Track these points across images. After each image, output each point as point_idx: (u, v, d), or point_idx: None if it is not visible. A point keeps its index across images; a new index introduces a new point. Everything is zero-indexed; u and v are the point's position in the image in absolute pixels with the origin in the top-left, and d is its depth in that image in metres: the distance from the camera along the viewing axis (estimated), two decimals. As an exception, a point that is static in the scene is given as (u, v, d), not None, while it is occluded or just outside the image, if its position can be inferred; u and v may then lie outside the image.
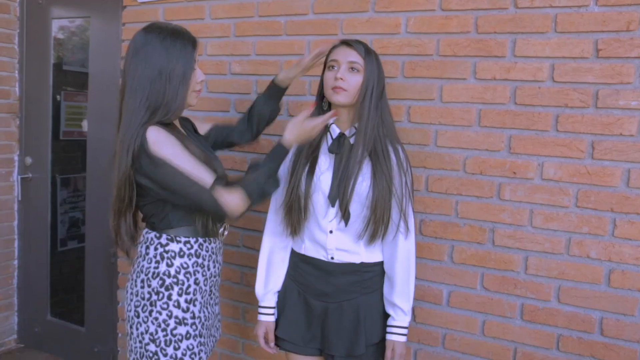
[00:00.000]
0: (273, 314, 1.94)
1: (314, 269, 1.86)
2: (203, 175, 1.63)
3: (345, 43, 1.80)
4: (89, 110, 3.10)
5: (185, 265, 1.74)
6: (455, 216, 2.10)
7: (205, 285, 1.80)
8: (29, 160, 3.35)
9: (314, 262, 1.85)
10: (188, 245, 1.75)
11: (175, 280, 1.72)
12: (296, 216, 1.82)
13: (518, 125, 1.98)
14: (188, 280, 1.74)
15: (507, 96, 1.99)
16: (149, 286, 1.72)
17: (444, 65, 2.08)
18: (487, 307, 2.07)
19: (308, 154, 1.83)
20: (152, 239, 1.76)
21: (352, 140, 1.79)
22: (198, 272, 1.77)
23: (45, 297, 3.39)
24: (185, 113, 1.88)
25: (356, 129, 1.79)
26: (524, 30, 1.95)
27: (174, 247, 1.74)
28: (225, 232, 1.89)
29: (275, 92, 2.07)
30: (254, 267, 2.52)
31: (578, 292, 1.93)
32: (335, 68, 1.78)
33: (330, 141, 1.84)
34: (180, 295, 1.73)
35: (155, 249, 1.74)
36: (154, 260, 1.74)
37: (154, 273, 1.73)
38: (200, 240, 1.78)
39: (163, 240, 1.74)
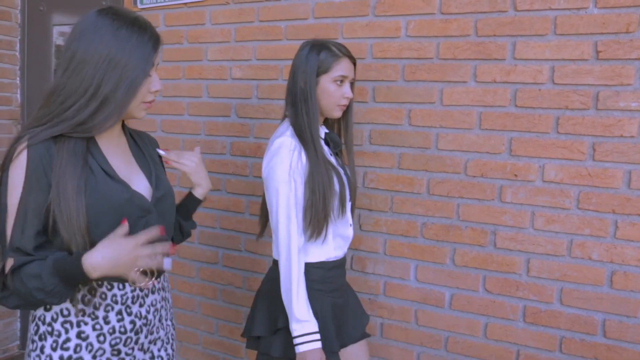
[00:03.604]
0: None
1: (341, 270, 1.89)
2: (8, 230, 1.25)
3: (350, 57, 1.82)
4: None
5: (65, 313, 1.32)
6: (457, 219, 2.10)
7: (102, 343, 1.34)
8: (31, 166, 3.35)
9: (340, 262, 1.88)
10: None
11: (49, 329, 1.32)
12: (328, 217, 1.75)
13: (519, 127, 1.98)
14: (67, 332, 1.32)
15: (508, 99, 1.99)
16: (30, 331, 1.38)
17: (444, 68, 2.09)
18: (489, 309, 2.07)
19: (323, 155, 1.77)
20: None
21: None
22: (86, 323, 1.33)
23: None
24: (192, 120, 1.83)
25: (328, 129, 1.93)
26: (524, 33, 1.95)
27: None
28: (149, 282, 1.38)
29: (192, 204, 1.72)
30: (256, 272, 2.54)
31: (580, 294, 1.93)
32: (341, 83, 1.79)
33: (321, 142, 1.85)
34: (54, 349, 1.32)
35: None
36: None
37: (32, 316, 1.37)
38: (95, 284, 1.33)
39: None
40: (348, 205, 1.87)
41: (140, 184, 1.42)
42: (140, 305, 1.40)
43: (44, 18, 3.25)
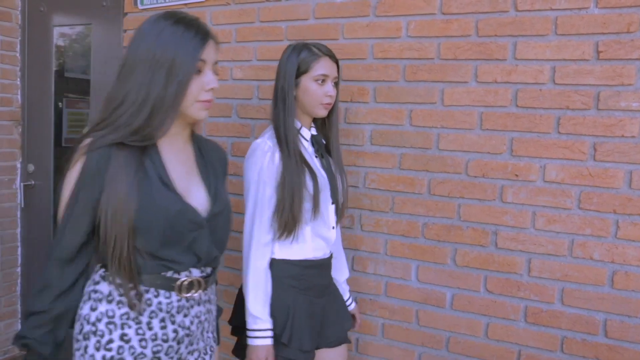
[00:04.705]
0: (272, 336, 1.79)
1: (319, 270, 1.89)
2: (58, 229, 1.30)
3: (331, 56, 1.84)
4: (91, 117, 3.11)
5: (110, 314, 1.32)
6: (458, 219, 2.10)
7: (144, 348, 1.33)
8: (31, 167, 3.35)
9: (319, 262, 1.88)
10: (121, 289, 1.31)
11: (93, 329, 1.32)
12: (297, 218, 1.77)
13: (520, 127, 1.98)
14: (110, 333, 1.31)
15: (509, 99, 1.99)
16: (75, 330, 1.38)
17: (445, 68, 2.09)
18: (490, 309, 2.07)
19: (297, 156, 1.79)
20: (96, 270, 1.39)
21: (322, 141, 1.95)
22: (129, 326, 1.32)
23: (49, 304, 3.39)
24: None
25: (316, 130, 1.94)
26: (525, 33, 1.95)
27: (103, 287, 1.33)
28: (194, 293, 1.39)
29: None
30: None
31: (582, 294, 1.93)
32: (322, 82, 1.82)
33: (307, 143, 1.89)
34: (97, 349, 1.31)
35: (88, 285, 1.37)
36: (82, 298, 1.36)
37: (78, 315, 1.36)
38: (143, 288, 1.33)
39: (97, 277, 1.36)
40: (328, 207, 1.87)
41: (198, 196, 1.40)
42: (185, 316, 1.38)
43: (44, 18, 3.25)
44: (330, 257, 1.95)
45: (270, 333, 1.75)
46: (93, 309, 1.32)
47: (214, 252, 1.41)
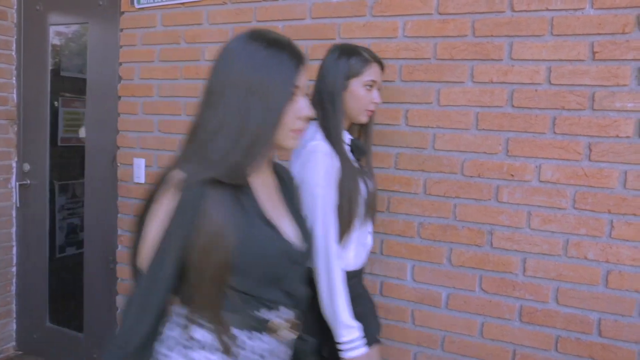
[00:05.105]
0: None
1: (359, 278, 1.84)
2: (145, 264, 1.14)
3: (379, 63, 1.80)
4: (87, 116, 3.10)
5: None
6: (454, 219, 2.11)
7: None
8: (26, 166, 3.35)
9: (359, 271, 1.83)
10: (215, 333, 1.17)
11: None
12: (352, 223, 1.71)
13: (515, 127, 1.99)
14: None
15: (505, 99, 2.00)
16: None
17: (442, 68, 2.09)
18: (485, 309, 2.08)
19: (349, 160, 1.73)
20: (178, 313, 1.22)
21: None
22: None
23: (44, 304, 3.38)
24: (190, 120, 1.80)
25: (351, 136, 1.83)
26: (521, 34, 1.96)
27: (197, 334, 1.18)
28: (287, 333, 1.25)
29: None
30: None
31: (576, 293, 1.93)
32: (370, 88, 1.76)
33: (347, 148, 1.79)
34: None
35: (170, 328, 1.21)
36: (163, 342, 1.20)
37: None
38: (235, 330, 1.19)
39: (180, 320, 1.20)
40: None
41: (288, 230, 1.28)
42: (279, 358, 1.28)
43: (40, 17, 3.24)
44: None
45: (364, 338, 1.65)
46: (186, 357, 1.17)
47: (304, 289, 1.32)
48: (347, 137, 1.80)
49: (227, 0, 2.53)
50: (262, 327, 1.21)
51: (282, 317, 1.24)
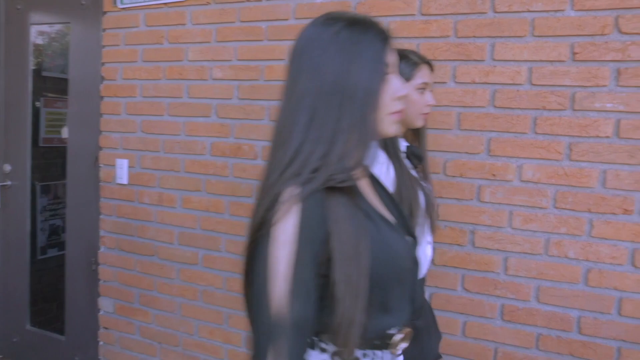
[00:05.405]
0: None
1: (420, 289, 1.82)
2: (280, 301, 0.92)
3: (429, 64, 1.73)
4: (69, 116, 3.07)
5: None
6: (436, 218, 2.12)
7: None
8: (8, 167, 3.31)
9: (421, 283, 1.78)
10: (339, 357, 1.00)
11: None
12: (412, 234, 1.65)
13: (497, 128, 2.01)
14: None
15: (486, 99, 2.02)
16: None
17: (424, 69, 2.10)
18: (468, 308, 2.09)
19: (407, 168, 1.65)
20: None
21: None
22: None
23: (25, 306, 3.34)
24: (172, 120, 1.80)
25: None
26: (503, 34, 1.98)
27: (315, 357, 1.03)
28: (403, 344, 1.08)
29: None
30: (236, 273, 2.53)
31: (557, 291, 1.95)
32: (423, 91, 1.70)
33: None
34: None
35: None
36: None
37: None
38: (359, 352, 1.04)
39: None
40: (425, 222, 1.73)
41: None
42: None
43: (21, 16, 3.21)
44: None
45: None
46: None
47: (423, 292, 1.23)
48: (402, 144, 1.71)
49: (210, 1, 2.53)
50: (386, 344, 1.06)
51: (403, 330, 1.08)
